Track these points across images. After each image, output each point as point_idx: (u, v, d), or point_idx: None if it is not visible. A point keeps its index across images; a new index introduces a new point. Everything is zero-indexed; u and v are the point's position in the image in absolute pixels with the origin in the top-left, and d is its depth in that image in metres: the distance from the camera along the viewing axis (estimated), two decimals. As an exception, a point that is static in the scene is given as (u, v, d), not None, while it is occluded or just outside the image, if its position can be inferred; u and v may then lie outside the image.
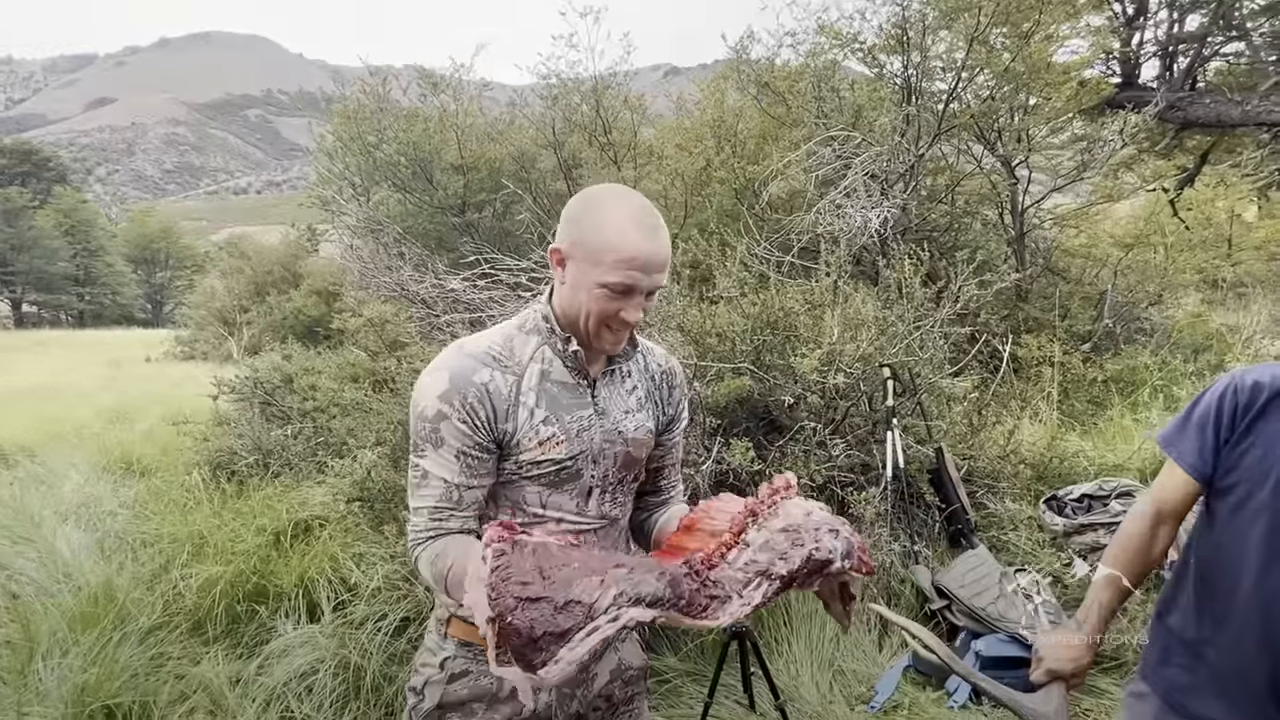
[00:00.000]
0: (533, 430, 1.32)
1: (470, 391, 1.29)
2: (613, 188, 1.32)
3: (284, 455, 4.88)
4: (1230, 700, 1.37)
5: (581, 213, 1.28)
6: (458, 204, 7.75)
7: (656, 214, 1.29)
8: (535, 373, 1.34)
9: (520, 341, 1.37)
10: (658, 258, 1.26)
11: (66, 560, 3.77)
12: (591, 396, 1.39)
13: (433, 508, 1.32)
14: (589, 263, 1.25)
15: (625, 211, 1.25)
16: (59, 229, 49.76)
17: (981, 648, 3.06)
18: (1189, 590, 1.46)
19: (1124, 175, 9.03)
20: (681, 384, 1.56)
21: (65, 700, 2.72)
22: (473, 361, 1.31)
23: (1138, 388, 6.05)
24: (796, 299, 3.94)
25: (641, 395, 1.47)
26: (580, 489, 1.38)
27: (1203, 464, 1.41)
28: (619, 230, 1.23)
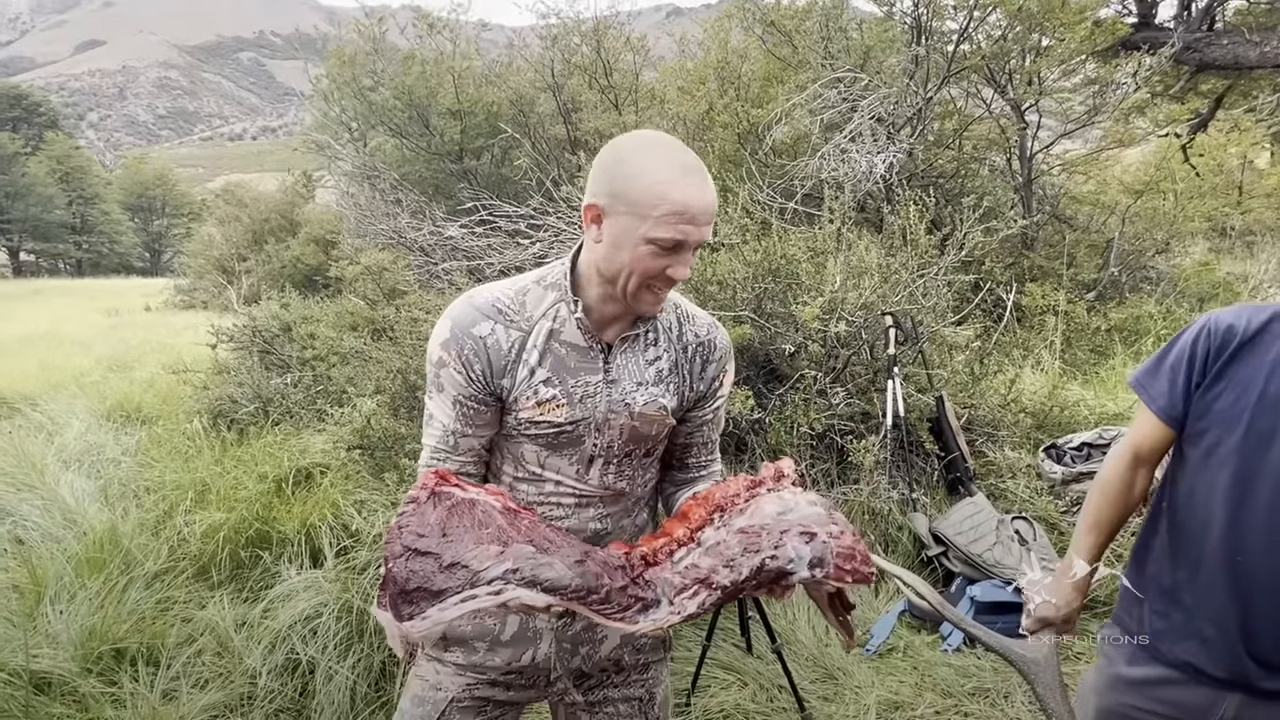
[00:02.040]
0: (531, 390, 1.27)
1: (467, 343, 1.26)
2: (647, 135, 1.20)
3: (284, 404, 4.89)
4: (1203, 643, 1.38)
5: (619, 163, 1.17)
6: (455, 150, 7.61)
7: (696, 157, 1.18)
8: (544, 331, 1.28)
9: (535, 296, 1.30)
10: (710, 208, 1.16)
11: (70, 507, 3.81)
12: (604, 363, 1.30)
13: (433, 448, 1.34)
14: (634, 217, 1.15)
15: (670, 158, 1.15)
16: (53, 176, 49.09)
17: (977, 593, 3.09)
18: (1161, 535, 1.46)
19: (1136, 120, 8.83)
20: (722, 358, 1.41)
21: (74, 643, 2.77)
22: (476, 313, 1.27)
23: (1141, 337, 6.02)
24: (799, 246, 3.88)
25: (664, 367, 1.34)
26: (581, 456, 1.33)
27: (1173, 408, 1.38)
28: (667, 179, 1.12)
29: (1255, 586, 1.30)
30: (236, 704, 2.69)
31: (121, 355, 9.12)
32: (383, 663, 2.78)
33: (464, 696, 1.39)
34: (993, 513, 3.41)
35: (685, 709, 2.70)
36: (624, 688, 1.47)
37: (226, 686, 2.73)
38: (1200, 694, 1.40)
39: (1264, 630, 1.31)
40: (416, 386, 3.84)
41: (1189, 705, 1.42)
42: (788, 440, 3.63)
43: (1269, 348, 1.29)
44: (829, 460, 3.76)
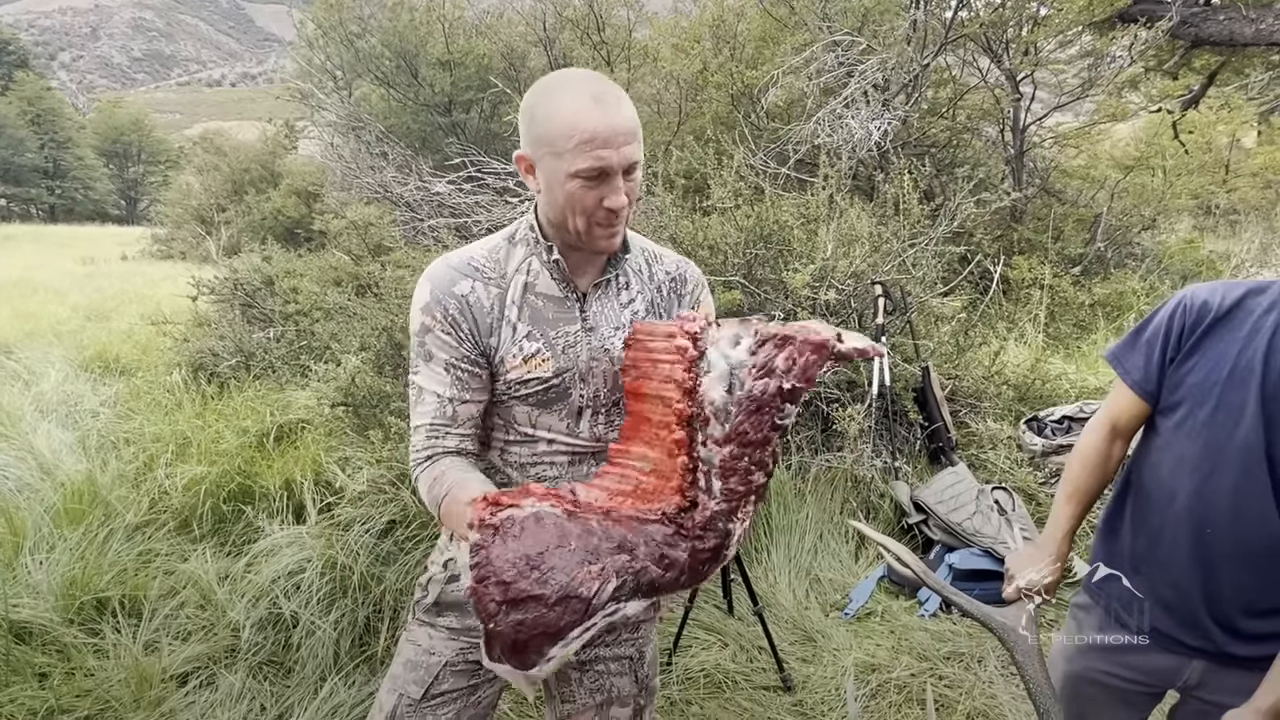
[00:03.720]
0: (516, 346, 1.26)
1: (450, 303, 1.24)
2: (560, 72, 1.20)
3: (266, 358, 4.83)
4: (1168, 610, 1.41)
5: (534, 106, 1.17)
6: (444, 102, 7.44)
7: (613, 84, 1.17)
8: (519, 285, 1.27)
9: (506, 252, 1.29)
10: (622, 128, 1.13)
11: (47, 457, 3.76)
12: (580, 311, 1.30)
13: (429, 425, 1.28)
14: (553, 156, 1.14)
15: (576, 89, 1.14)
16: (24, 118, 47.61)
17: (955, 560, 3.15)
18: (1129, 505, 1.49)
19: (1128, 94, 8.79)
20: (695, 289, 1.42)
21: (55, 593, 2.75)
22: (453, 272, 1.26)
23: (1124, 312, 6.08)
24: (791, 212, 3.85)
25: (640, 309, 1.35)
26: (569, 409, 1.32)
27: (1148, 381, 1.40)
28: (573, 111, 1.12)
29: (1219, 556, 1.33)
30: (220, 656, 2.69)
31: (98, 305, 8.96)
32: (366, 618, 2.79)
33: (457, 660, 1.41)
34: (973, 482, 3.46)
35: (667, 668, 2.74)
36: (615, 646, 1.48)
37: (209, 639, 2.74)
38: (1166, 659, 1.44)
39: (1228, 597, 1.34)
40: (402, 345, 3.80)
41: (1155, 670, 1.47)
42: (774, 407, 3.64)
43: (1242, 323, 1.30)
44: (814, 428, 3.78)
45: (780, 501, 3.46)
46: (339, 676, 2.59)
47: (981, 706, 2.55)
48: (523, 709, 2.52)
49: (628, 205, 1.20)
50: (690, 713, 2.56)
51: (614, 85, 1.17)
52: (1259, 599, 1.33)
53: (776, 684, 2.69)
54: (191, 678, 2.60)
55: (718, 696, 2.64)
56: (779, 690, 2.67)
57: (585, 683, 1.48)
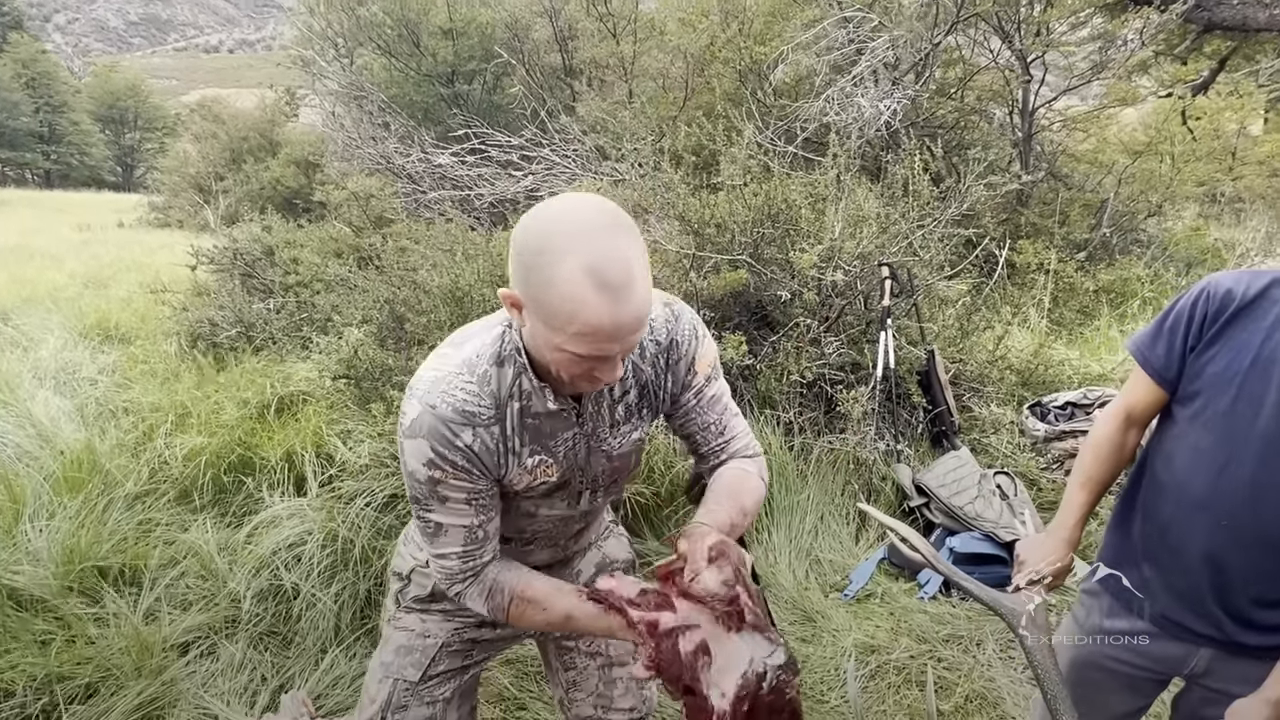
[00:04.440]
0: (522, 467, 1.24)
1: (458, 457, 1.18)
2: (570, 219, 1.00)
3: (266, 329, 4.80)
4: (1177, 598, 1.41)
5: (534, 257, 1.00)
6: (446, 72, 7.33)
7: (627, 249, 0.99)
8: (515, 412, 1.20)
9: (496, 381, 1.19)
10: (628, 322, 1.00)
11: (45, 424, 3.74)
12: (577, 416, 1.25)
13: (461, 552, 1.25)
14: (547, 326, 1.02)
15: (583, 266, 0.96)
16: (18, 80, 46.97)
17: (956, 544, 3.15)
18: (1141, 494, 1.48)
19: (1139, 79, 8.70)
20: (688, 350, 1.30)
21: (55, 560, 2.74)
22: (451, 426, 1.17)
23: (1128, 299, 6.05)
24: (799, 191, 3.81)
25: (633, 400, 1.29)
26: (570, 494, 1.34)
27: (1168, 369, 1.39)
28: (577, 295, 0.96)
29: (1233, 546, 1.32)
30: (220, 626, 2.70)
31: (95, 272, 8.88)
32: (368, 591, 2.79)
33: (453, 640, 1.44)
34: (975, 467, 3.46)
35: (667, 646, 2.75)
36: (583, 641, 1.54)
37: (210, 609, 2.74)
38: (1173, 647, 1.44)
39: (1240, 587, 1.34)
40: (404, 318, 3.78)
41: (1162, 657, 1.47)
42: (778, 388, 3.62)
43: (1266, 313, 1.28)
44: (817, 409, 3.77)
45: (782, 482, 3.46)
46: (340, 648, 2.60)
47: (980, 689, 2.57)
48: (523, 684, 2.53)
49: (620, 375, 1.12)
50: (690, 690, 2.57)
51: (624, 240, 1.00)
52: (1270, 589, 1.33)
53: (776, 663, 2.69)
54: (192, 647, 2.61)
55: (717, 675, 2.65)
56: (778, 669, 2.68)
57: (582, 647, 1.53)
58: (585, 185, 4.76)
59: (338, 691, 2.47)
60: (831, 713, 2.46)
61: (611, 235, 0.99)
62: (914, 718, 2.44)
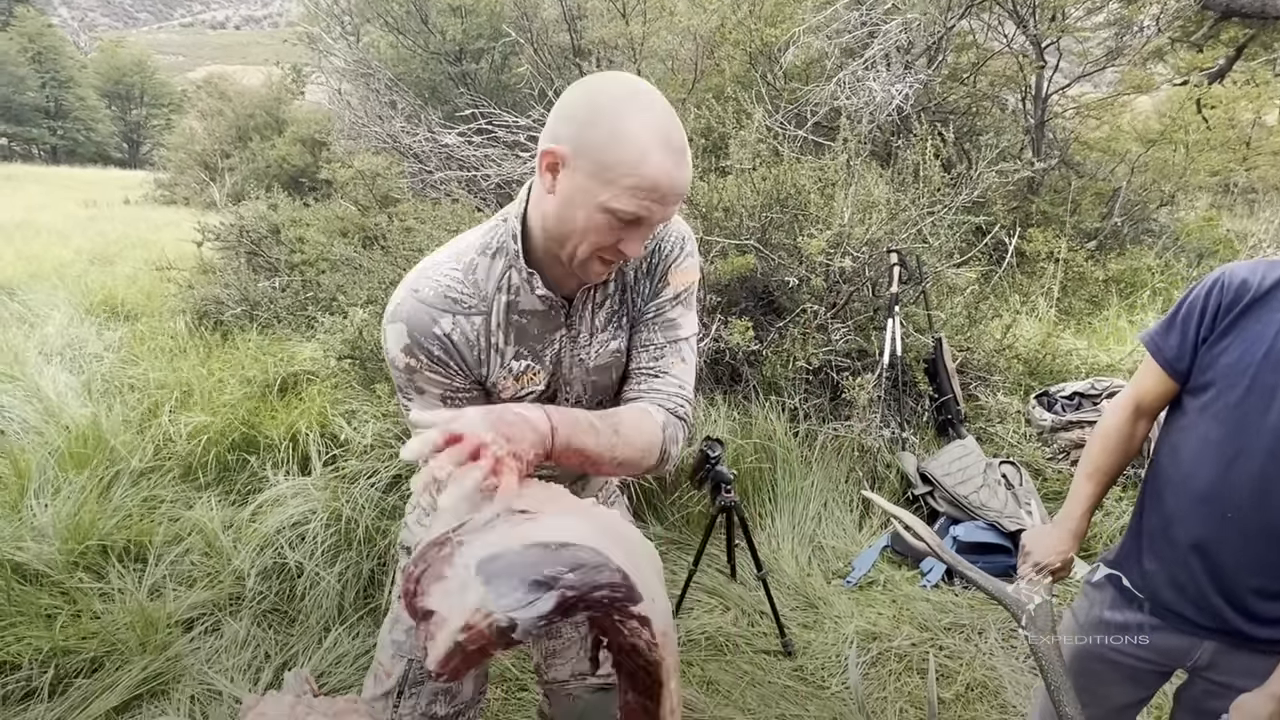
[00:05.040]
0: (506, 369, 1.21)
1: (433, 345, 1.15)
2: (632, 86, 1.05)
3: (272, 308, 4.80)
4: (1180, 591, 1.40)
5: (592, 113, 1.02)
6: (454, 50, 7.26)
7: (682, 130, 1.05)
8: (502, 305, 1.18)
9: (484, 268, 1.18)
10: (683, 189, 1.04)
11: (51, 400, 3.75)
12: (566, 317, 1.22)
13: None
14: (596, 179, 1.01)
15: (651, 124, 1.00)
16: (24, 55, 46.81)
17: (960, 533, 3.15)
18: (1151, 484, 1.47)
19: (1154, 66, 8.58)
20: (671, 252, 1.26)
21: (60, 536, 2.75)
22: (431, 310, 1.15)
23: (1138, 289, 6.01)
24: (809, 176, 3.77)
25: (615, 306, 1.26)
26: None
27: (1180, 360, 1.37)
28: (643, 147, 0.99)
29: (1239, 539, 1.31)
30: (224, 603, 2.71)
31: (101, 249, 8.88)
32: (371, 571, 2.80)
33: None
34: (981, 456, 3.44)
35: (668, 629, 2.76)
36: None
37: (214, 586, 2.75)
38: (1176, 639, 1.43)
39: (1244, 580, 1.33)
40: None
41: (1165, 649, 1.46)
42: (783, 374, 3.61)
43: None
44: (823, 396, 3.75)
45: (786, 468, 3.45)
46: (343, 627, 2.61)
47: (981, 678, 2.57)
48: (524, 664, 2.53)
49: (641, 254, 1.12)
50: (691, 674, 2.57)
51: (683, 132, 1.06)
52: (1273, 581, 1.32)
53: (777, 649, 2.70)
54: (197, 624, 2.62)
55: (718, 659, 2.66)
56: (780, 655, 2.68)
57: None
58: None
59: (340, 669, 2.48)
60: (832, 699, 2.46)
61: (670, 111, 1.04)
62: (915, 705, 2.45)
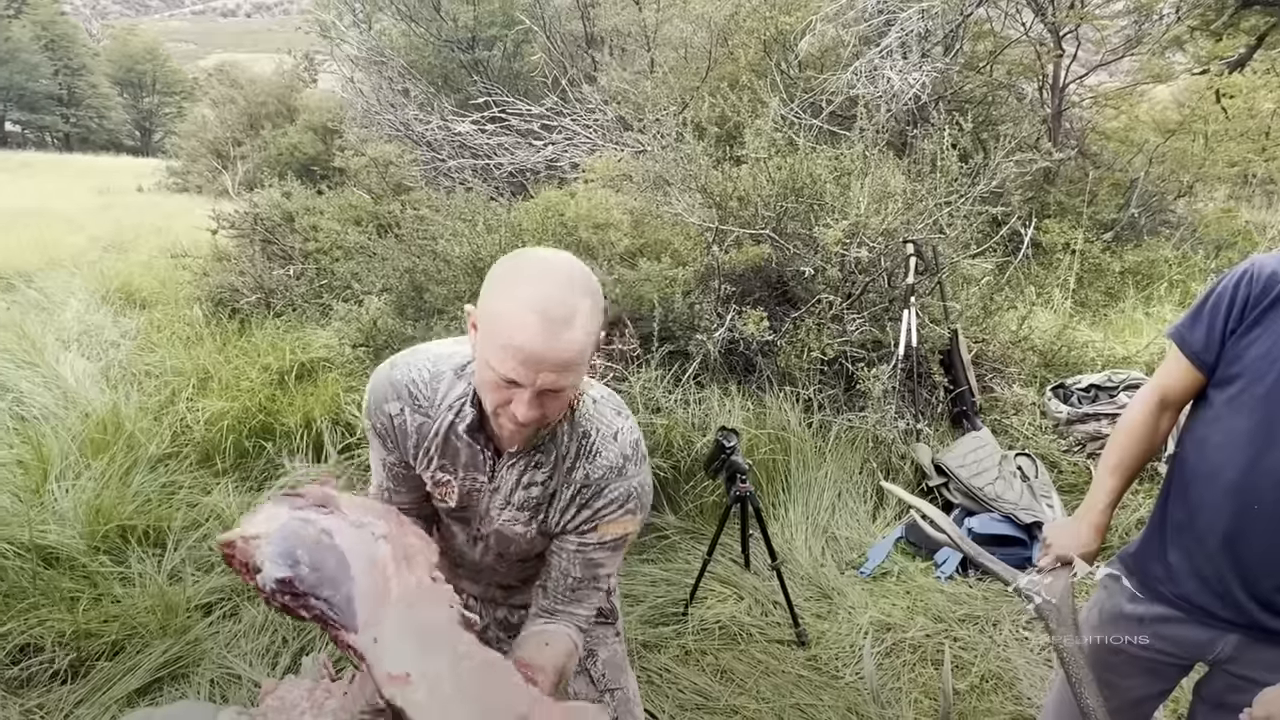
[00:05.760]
0: (430, 475, 1.31)
1: (380, 418, 1.29)
2: (547, 256, 1.10)
3: (287, 295, 4.82)
4: (1203, 583, 1.39)
5: (497, 278, 1.09)
6: (467, 38, 7.24)
7: (578, 302, 1.05)
8: (445, 424, 1.25)
9: (447, 383, 1.25)
10: (550, 358, 1.04)
11: (71, 386, 3.78)
12: (491, 469, 1.27)
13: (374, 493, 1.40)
14: (485, 341, 1.08)
15: (535, 292, 1.04)
16: (37, 42, 46.93)
17: (975, 525, 3.14)
18: (1177, 477, 1.45)
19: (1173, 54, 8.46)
20: (608, 507, 1.27)
21: (81, 520, 2.78)
22: (390, 390, 1.27)
23: (1154, 281, 5.95)
24: (824, 166, 3.75)
25: (536, 496, 1.27)
26: (470, 534, 1.40)
27: (1206, 352, 1.36)
28: (517, 313, 1.03)
29: (1264, 532, 1.29)
30: (242, 588, 2.73)
31: (116, 236, 8.93)
32: (387, 558, 2.81)
33: None
34: (996, 448, 3.43)
35: (683, 618, 2.77)
36: None
37: (231, 571, 2.77)
38: (1199, 632, 1.42)
39: (1268, 573, 1.32)
40: (423, 287, 3.77)
41: (1188, 642, 1.45)
42: (798, 364, 3.60)
43: None
44: (837, 386, 3.74)
45: (800, 459, 3.45)
46: (360, 613, 2.63)
47: (996, 669, 2.57)
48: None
49: (541, 418, 1.11)
50: (705, 663, 2.58)
51: (580, 303, 1.06)
52: None
53: (791, 638, 2.71)
54: (215, 608, 2.64)
55: (732, 648, 2.67)
56: (793, 645, 2.69)
57: None
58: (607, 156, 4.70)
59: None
60: (847, 689, 2.47)
61: (570, 287, 1.06)
62: (929, 696, 2.45)
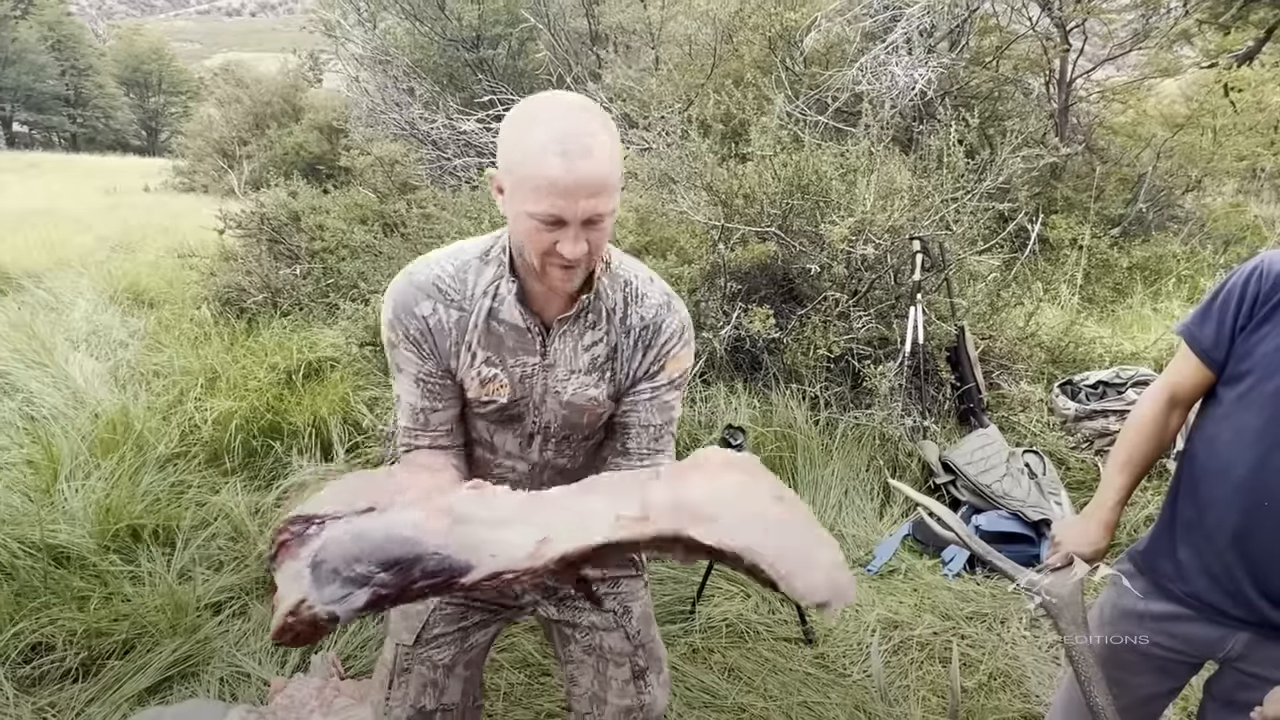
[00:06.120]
0: (474, 371, 1.26)
1: (412, 324, 1.24)
2: (549, 97, 1.13)
3: (293, 294, 4.83)
4: (1213, 581, 1.39)
5: (510, 132, 1.11)
6: (471, 36, 7.24)
7: (595, 129, 1.08)
8: (483, 310, 1.24)
9: (476, 271, 1.25)
10: (585, 184, 1.07)
11: (80, 387, 3.80)
12: (541, 344, 1.27)
13: (405, 428, 1.32)
14: (517, 191, 1.10)
15: (551, 129, 1.07)
16: (44, 43, 47.13)
17: (982, 522, 3.14)
18: (1187, 474, 1.45)
19: (1181, 48, 8.41)
20: (667, 342, 1.31)
21: (91, 520, 2.80)
22: (416, 292, 1.24)
23: (1162, 277, 5.92)
24: (830, 162, 3.74)
25: (600, 354, 1.29)
26: (523, 431, 1.34)
27: (1216, 349, 1.35)
28: (539, 152, 1.06)
29: (1274, 530, 1.29)
30: (252, 586, 2.74)
31: (123, 236, 8.97)
32: (395, 556, 2.82)
33: (444, 604, 1.43)
34: (1004, 445, 3.42)
35: (689, 617, 2.77)
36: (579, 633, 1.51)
37: (241, 570, 2.79)
38: (1209, 630, 1.42)
39: (1278, 571, 1.31)
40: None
41: (1198, 640, 1.44)
42: (804, 362, 3.59)
43: None
44: (844, 384, 3.73)
45: (807, 457, 3.44)
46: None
47: (1004, 667, 2.56)
48: (546, 650, 2.55)
49: (589, 254, 1.13)
50: (712, 661, 2.58)
51: (594, 123, 1.08)
52: None
53: (798, 636, 2.71)
54: (225, 607, 2.65)
55: (740, 646, 2.67)
56: (801, 642, 2.69)
57: (578, 638, 1.50)
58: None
59: (366, 653, 2.51)
60: (854, 687, 2.47)
61: (582, 114, 1.09)
62: (937, 694, 2.45)
